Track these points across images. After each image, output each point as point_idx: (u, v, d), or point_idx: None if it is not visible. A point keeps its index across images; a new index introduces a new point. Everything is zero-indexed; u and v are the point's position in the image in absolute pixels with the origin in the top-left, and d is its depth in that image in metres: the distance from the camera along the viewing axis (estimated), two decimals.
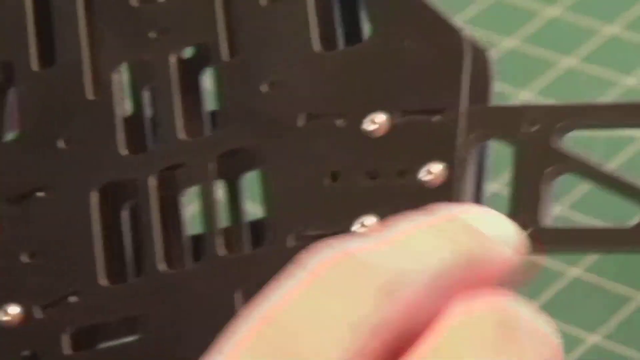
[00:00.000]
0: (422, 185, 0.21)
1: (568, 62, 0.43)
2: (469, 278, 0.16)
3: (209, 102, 0.25)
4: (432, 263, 0.16)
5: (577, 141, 0.40)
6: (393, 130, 0.22)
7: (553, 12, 0.45)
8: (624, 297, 0.35)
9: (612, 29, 0.44)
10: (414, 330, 0.15)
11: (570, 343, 0.34)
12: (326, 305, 0.14)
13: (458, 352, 0.14)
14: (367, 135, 0.22)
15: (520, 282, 0.19)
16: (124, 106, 0.25)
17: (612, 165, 0.46)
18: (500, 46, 0.43)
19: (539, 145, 0.21)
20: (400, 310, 0.15)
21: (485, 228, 0.18)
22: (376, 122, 0.22)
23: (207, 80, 0.25)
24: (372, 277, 0.15)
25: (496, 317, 0.15)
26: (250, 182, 0.25)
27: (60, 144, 0.24)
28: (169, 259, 0.23)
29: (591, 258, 0.36)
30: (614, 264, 0.36)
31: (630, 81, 0.42)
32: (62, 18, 0.25)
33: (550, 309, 0.35)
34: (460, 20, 0.26)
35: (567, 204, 0.37)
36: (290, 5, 0.23)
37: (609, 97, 0.41)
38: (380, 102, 0.22)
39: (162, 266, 0.23)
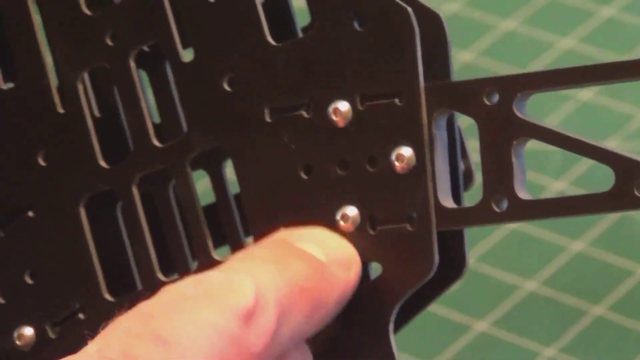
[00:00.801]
0: (394, 170, 0.21)
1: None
2: (307, 305, 0.19)
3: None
4: (271, 296, 0.18)
5: (532, 156, 0.40)
6: (357, 117, 0.22)
7: None
8: (578, 311, 0.35)
9: None
10: None
11: (526, 356, 0.34)
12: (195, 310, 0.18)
13: None
14: (332, 125, 0.22)
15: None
16: (95, 115, 0.25)
17: (566, 180, 0.47)
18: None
19: (503, 116, 0.21)
20: (254, 337, 0.18)
21: (316, 250, 0.20)
22: (339, 110, 0.22)
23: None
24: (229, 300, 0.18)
25: None
26: None
27: (40, 161, 0.24)
28: (166, 264, 0.23)
29: (547, 272, 0.36)
30: (569, 278, 0.36)
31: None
32: (19, 33, 0.24)
33: (507, 322, 0.35)
34: None
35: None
36: None
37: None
38: (340, 89, 0.22)
39: (160, 275, 0.23)
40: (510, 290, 0.36)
